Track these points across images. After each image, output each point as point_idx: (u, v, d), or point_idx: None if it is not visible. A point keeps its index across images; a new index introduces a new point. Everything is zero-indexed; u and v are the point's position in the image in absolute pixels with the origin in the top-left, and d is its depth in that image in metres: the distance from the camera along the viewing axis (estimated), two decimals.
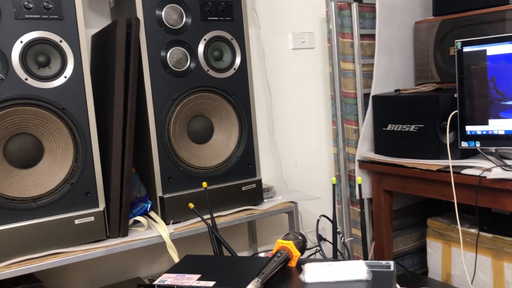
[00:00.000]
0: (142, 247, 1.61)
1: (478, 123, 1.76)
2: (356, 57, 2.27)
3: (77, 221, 1.53)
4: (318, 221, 1.41)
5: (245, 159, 1.86)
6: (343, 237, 2.19)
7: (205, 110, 1.78)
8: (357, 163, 2.19)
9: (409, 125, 1.96)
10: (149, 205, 1.75)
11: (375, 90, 2.16)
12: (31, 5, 1.44)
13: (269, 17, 2.32)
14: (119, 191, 1.59)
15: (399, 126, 2.00)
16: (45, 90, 1.47)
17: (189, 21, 1.72)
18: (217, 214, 1.77)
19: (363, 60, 2.29)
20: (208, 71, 1.76)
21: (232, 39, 1.80)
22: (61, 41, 1.49)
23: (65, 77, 1.50)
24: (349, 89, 2.32)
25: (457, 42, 1.79)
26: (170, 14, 1.68)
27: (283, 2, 2.35)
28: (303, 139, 2.46)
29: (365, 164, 2.16)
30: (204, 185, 1.59)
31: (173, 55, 1.69)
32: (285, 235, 1.17)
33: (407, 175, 1.96)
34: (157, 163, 1.68)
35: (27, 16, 1.44)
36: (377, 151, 2.13)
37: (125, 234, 1.61)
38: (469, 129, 1.78)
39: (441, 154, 1.87)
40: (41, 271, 1.47)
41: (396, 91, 2.14)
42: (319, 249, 1.39)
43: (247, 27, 1.83)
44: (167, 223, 1.69)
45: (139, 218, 1.70)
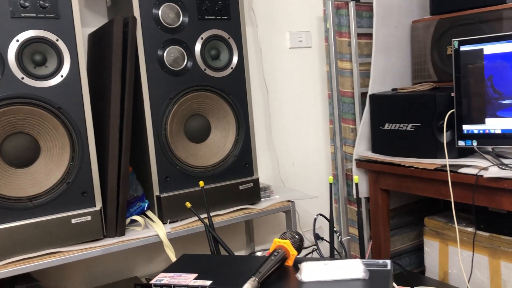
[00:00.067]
0: (139, 246, 1.61)
1: (475, 122, 1.76)
2: (353, 56, 2.27)
3: (74, 221, 1.53)
4: (315, 220, 1.41)
5: (242, 158, 1.85)
6: (340, 236, 2.19)
7: (202, 109, 1.78)
8: (354, 162, 2.19)
9: (406, 124, 1.96)
10: (146, 204, 1.75)
11: (372, 89, 2.16)
12: (27, 4, 1.43)
13: (266, 16, 2.32)
14: (116, 191, 1.59)
15: (396, 125, 2.00)
16: (42, 89, 1.47)
17: (186, 20, 1.71)
18: (214, 213, 1.76)
19: (360, 59, 2.29)
20: (205, 70, 1.76)
21: (229, 38, 1.80)
22: (57, 40, 1.48)
23: (62, 76, 1.50)
24: (347, 88, 2.32)
25: (454, 41, 1.79)
26: (167, 13, 1.67)
27: (280, 0, 2.35)
28: (301, 138, 2.46)
29: (362, 163, 2.16)
30: (201, 184, 1.59)
31: (170, 54, 1.69)
32: (282, 234, 1.16)
33: (404, 174, 1.96)
34: (154, 162, 1.68)
35: (23, 14, 1.43)
36: (374, 150, 2.13)
37: (122, 233, 1.61)
38: (466, 128, 1.78)
39: (438, 153, 1.87)
40: (38, 270, 1.46)
41: (393, 90, 2.14)
42: (316, 248, 1.39)
43: (244, 26, 1.83)
44: (164, 222, 1.69)
45: (136, 217, 1.70)
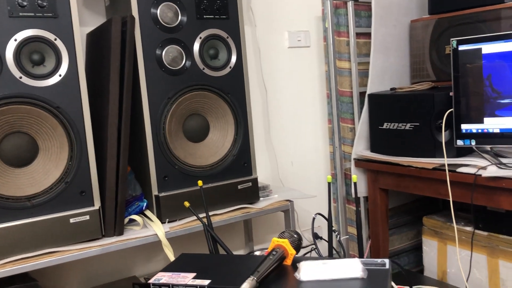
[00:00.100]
0: (137, 246, 1.61)
1: (473, 121, 1.77)
2: (352, 55, 2.27)
3: (72, 220, 1.52)
4: (313, 219, 1.41)
5: (241, 158, 1.85)
6: (338, 236, 2.19)
7: (200, 108, 1.78)
8: (353, 162, 2.19)
9: (405, 124, 1.96)
10: (145, 204, 1.74)
11: (371, 88, 2.16)
12: (25, 3, 1.43)
13: (265, 15, 2.31)
14: (114, 190, 1.59)
15: (394, 124, 2.00)
16: (40, 88, 1.47)
17: (185, 19, 1.71)
18: (213, 212, 1.76)
19: (359, 58, 2.29)
20: (203, 69, 1.76)
21: (227, 38, 1.80)
22: (55, 39, 1.48)
23: (60, 76, 1.50)
24: (345, 88, 2.32)
25: (453, 40, 1.79)
26: (165, 12, 1.67)
27: (279, 0, 2.35)
28: (299, 138, 2.46)
29: (361, 162, 2.16)
30: (199, 183, 1.59)
31: (169, 53, 1.69)
32: (281, 234, 1.17)
33: (403, 173, 1.97)
34: (152, 161, 1.68)
35: (21, 14, 1.43)
36: (373, 150, 2.13)
37: (120, 233, 1.61)
38: (465, 127, 1.78)
39: (436, 152, 1.87)
40: (36, 270, 1.46)
41: (391, 89, 2.14)
42: (314, 247, 1.39)
43: (242, 26, 1.83)
44: (163, 222, 1.69)
45: (134, 216, 1.69)
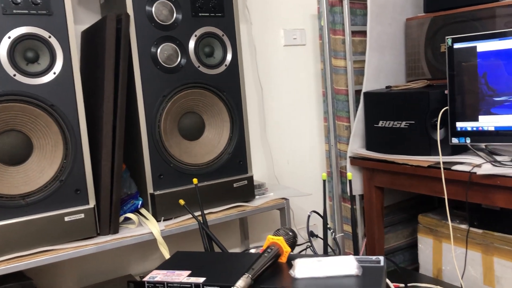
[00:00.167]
0: (133, 244, 1.61)
1: (468, 119, 1.77)
2: (347, 53, 2.27)
3: (67, 218, 1.52)
4: (308, 217, 1.41)
5: (237, 156, 1.85)
6: (334, 233, 2.20)
7: (196, 106, 1.78)
8: (348, 160, 2.19)
9: (400, 122, 1.97)
10: (140, 202, 1.74)
11: (366, 86, 2.16)
12: (19, 0, 1.42)
13: (260, 13, 2.31)
14: (109, 188, 1.59)
15: (390, 122, 2.00)
16: (34, 86, 1.46)
17: (180, 17, 1.71)
18: (208, 210, 1.76)
19: (354, 56, 2.29)
20: (199, 67, 1.75)
21: (223, 35, 1.80)
22: (50, 37, 1.47)
23: (54, 73, 1.49)
24: (341, 86, 2.32)
25: (448, 38, 1.79)
26: (160, 10, 1.67)
27: None
28: (295, 136, 2.46)
29: (356, 160, 2.16)
30: (194, 181, 1.58)
31: (164, 51, 1.68)
32: (276, 231, 1.17)
33: (398, 171, 1.97)
34: (147, 160, 1.68)
35: (15, 11, 1.42)
36: (368, 148, 2.13)
37: (115, 231, 1.61)
38: (460, 125, 1.79)
39: (431, 150, 1.88)
40: (30, 268, 1.46)
41: (387, 87, 2.14)
42: (310, 245, 1.39)
43: (238, 23, 1.83)
44: (158, 220, 1.68)
45: (129, 215, 1.69)
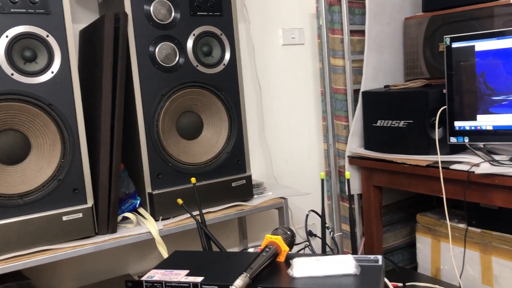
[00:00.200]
0: (131, 243, 1.61)
1: (466, 118, 1.77)
2: (346, 53, 2.27)
3: (65, 218, 1.52)
4: (307, 216, 1.41)
5: (235, 155, 1.85)
6: (332, 232, 2.20)
7: (194, 106, 1.78)
8: (347, 159, 2.19)
9: (399, 121, 1.97)
10: (138, 202, 1.74)
11: (365, 86, 2.16)
12: None
13: (259, 12, 2.31)
14: (107, 188, 1.58)
15: (388, 122, 2.00)
16: (32, 85, 1.46)
17: (178, 16, 1.71)
18: (206, 210, 1.76)
19: (353, 56, 2.29)
20: (197, 66, 1.75)
21: (221, 35, 1.79)
22: (47, 36, 1.47)
23: (52, 73, 1.49)
24: (339, 85, 2.32)
25: (446, 38, 1.79)
26: (158, 9, 1.66)
27: None
28: (293, 135, 2.46)
29: (355, 160, 2.16)
30: (192, 181, 1.58)
31: (162, 50, 1.68)
32: (274, 230, 1.17)
33: (397, 170, 1.97)
34: (146, 159, 1.67)
35: (12, 10, 1.42)
36: (366, 147, 2.13)
37: (113, 230, 1.60)
38: (458, 124, 1.79)
39: (430, 149, 1.88)
40: (28, 268, 1.45)
41: (385, 87, 2.14)
42: (308, 244, 1.39)
43: (236, 23, 1.83)
44: (156, 220, 1.68)
45: (128, 214, 1.69)
